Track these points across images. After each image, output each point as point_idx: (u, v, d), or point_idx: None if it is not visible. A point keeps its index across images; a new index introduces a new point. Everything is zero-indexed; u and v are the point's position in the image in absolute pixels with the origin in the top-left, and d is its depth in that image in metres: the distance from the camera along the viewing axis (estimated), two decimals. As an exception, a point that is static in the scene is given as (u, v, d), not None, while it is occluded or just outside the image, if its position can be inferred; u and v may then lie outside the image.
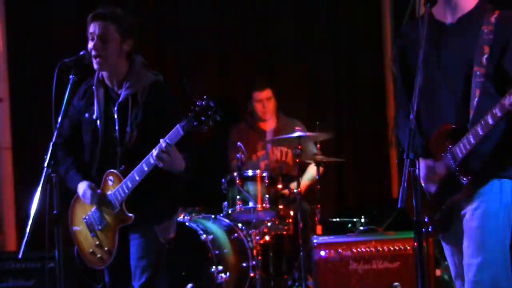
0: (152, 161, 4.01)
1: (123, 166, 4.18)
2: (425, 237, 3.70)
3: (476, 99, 3.44)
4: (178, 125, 3.92)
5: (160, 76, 4.32)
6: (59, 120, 3.75)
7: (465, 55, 3.50)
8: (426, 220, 3.60)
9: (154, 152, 3.97)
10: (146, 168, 4.06)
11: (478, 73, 3.44)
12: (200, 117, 3.87)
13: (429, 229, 3.62)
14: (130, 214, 4.15)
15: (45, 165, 3.62)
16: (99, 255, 4.32)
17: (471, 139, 3.39)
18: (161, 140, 3.95)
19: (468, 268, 3.45)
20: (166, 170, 4.03)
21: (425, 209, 3.57)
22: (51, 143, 3.67)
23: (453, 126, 3.49)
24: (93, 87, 4.30)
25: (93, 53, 4.14)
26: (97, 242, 4.31)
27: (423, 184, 3.60)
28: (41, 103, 6.85)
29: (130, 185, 4.12)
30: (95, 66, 4.18)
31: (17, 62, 6.99)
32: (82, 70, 3.98)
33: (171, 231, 4.32)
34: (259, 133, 7.07)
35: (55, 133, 3.73)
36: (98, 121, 4.27)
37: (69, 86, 3.89)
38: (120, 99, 4.22)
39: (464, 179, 3.46)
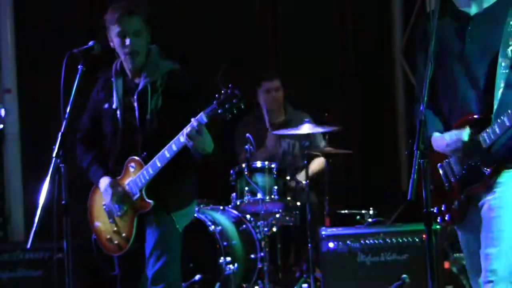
0: (182, 139, 3.98)
1: (145, 153, 4.18)
2: (442, 226, 3.71)
3: (500, 90, 3.44)
4: (201, 112, 3.91)
5: (177, 64, 4.33)
6: (68, 110, 3.75)
7: (489, 47, 3.50)
8: (443, 208, 3.61)
9: (185, 130, 3.94)
10: (169, 154, 4.06)
11: (503, 64, 3.44)
12: (224, 104, 3.88)
13: (446, 218, 3.62)
14: (149, 201, 4.15)
15: (54, 155, 3.62)
16: (116, 242, 4.32)
17: (497, 129, 3.39)
18: (193, 119, 3.92)
19: (485, 258, 3.45)
20: (193, 150, 4.02)
21: (443, 197, 3.60)
22: (60, 133, 3.67)
23: (476, 116, 3.49)
24: (112, 78, 4.32)
25: (130, 49, 4.16)
26: (115, 229, 4.32)
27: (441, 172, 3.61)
28: (49, 94, 6.91)
29: (151, 171, 4.12)
30: (131, 63, 4.21)
31: (25, 52, 6.99)
32: (91, 60, 3.97)
33: (189, 219, 4.32)
34: (266, 125, 7.05)
35: (64, 123, 3.72)
36: (118, 111, 4.28)
37: (78, 76, 3.89)
38: (140, 88, 4.22)
39: (487, 169, 3.46)
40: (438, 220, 3.67)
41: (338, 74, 8.19)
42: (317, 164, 6.87)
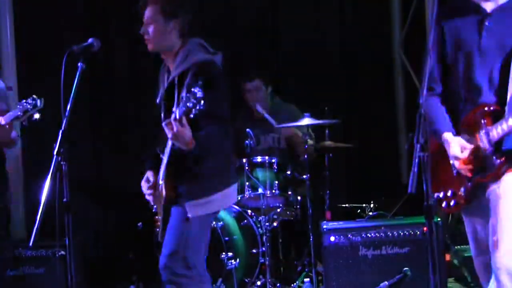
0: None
1: None
2: (447, 211, 3.74)
3: None
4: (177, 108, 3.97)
5: (216, 56, 4.36)
6: (68, 107, 3.75)
7: (505, 42, 3.57)
8: (449, 194, 3.64)
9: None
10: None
11: None
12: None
13: (451, 204, 3.65)
14: (164, 194, 4.21)
15: (55, 152, 3.62)
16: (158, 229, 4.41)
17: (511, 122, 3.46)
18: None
19: (495, 244, 3.47)
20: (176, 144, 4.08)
21: (450, 183, 3.66)
22: (61, 131, 3.67)
23: (491, 107, 3.54)
24: (160, 72, 4.44)
25: (145, 36, 4.34)
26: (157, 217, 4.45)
27: (452, 160, 3.62)
28: (49, 91, 6.91)
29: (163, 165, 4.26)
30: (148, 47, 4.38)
31: (26, 50, 7.00)
32: (91, 58, 3.97)
33: (204, 210, 4.25)
34: (256, 120, 7.02)
35: (64, 121, 3.72)
36: (162, 105, 4.41)
37: (78, 73, 3.88)
38: (168, 81, 4.30)
39: (498, 160, 3.49)
40: (443, 205, 3.70)
41: (338, 68, 8.19)
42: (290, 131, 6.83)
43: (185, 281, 4.22)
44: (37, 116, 4.81)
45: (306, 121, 6.25)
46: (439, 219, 5.47)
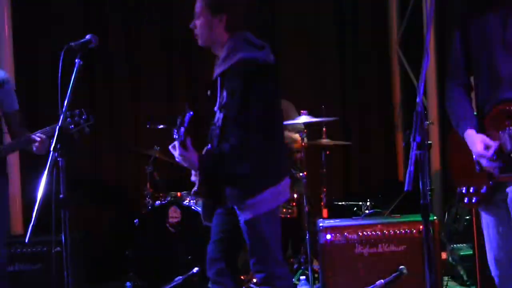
0: None
1: (209, 145, 4.27)
2: (468, 207, 3.73)
3: None
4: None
5: (262, 51, 4.34)
6: (65, 104, 3.74)
7: None
8: (472, 190, 3.63)
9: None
10: None
11: None
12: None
13: (473, 201, 3.64)
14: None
15: (52, 149, 3.62)
16: None
17: None
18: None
19: None
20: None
21: (472, 180, 3.65)
22: (57, 127, 3.67)
23: None
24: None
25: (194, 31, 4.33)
26: None
27: (477, 159, 3.61)
28: (47, 87, 6.91)
29: None
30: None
31: (23, 46, 7.00)
32: (88, 54, 3.97)
33: (254, 211, 4.20)
34: None
35: (61, 117, 3.72)
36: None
37: (75, 69, 3.87)
38: (213, 78, 4.28)
39: None
40: (465, 201, 3.69)
41: (336, 66, 8.20)
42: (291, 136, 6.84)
43: (281, 283, 4.27)
44: (87, 129, 4.76)
45: (304, 118, 6.25)
46: (435, 217, 5.48)
